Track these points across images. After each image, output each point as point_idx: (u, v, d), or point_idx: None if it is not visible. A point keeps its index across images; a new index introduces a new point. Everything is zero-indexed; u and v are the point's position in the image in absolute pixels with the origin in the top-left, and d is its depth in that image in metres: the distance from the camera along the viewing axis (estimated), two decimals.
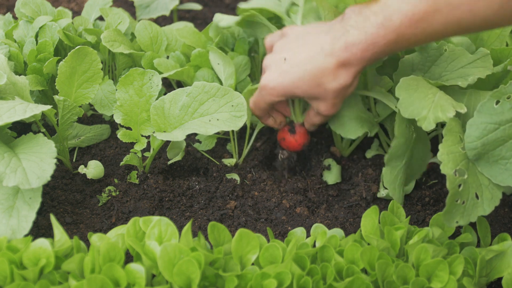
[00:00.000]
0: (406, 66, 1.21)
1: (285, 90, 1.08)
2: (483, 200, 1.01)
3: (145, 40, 1.49)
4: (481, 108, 1.02)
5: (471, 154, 1.03)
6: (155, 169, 1.34)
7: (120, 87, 1.24)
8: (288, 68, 1.06)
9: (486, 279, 1.03)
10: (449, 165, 0.98)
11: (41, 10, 1.55)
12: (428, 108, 1.01)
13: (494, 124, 1.01)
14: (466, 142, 1.02)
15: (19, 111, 1.04)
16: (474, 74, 1.12)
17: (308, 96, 1.08)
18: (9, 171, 0.99)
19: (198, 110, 1.18)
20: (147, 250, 0.93)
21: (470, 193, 1.00)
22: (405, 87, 1.03)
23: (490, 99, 1.01)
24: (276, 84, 1.08)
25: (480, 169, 1.03)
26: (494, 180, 1.02)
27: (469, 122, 1.02)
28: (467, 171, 1.01)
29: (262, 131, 1.51)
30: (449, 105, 1.03)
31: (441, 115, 1.00)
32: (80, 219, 1.21)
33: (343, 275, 0.95)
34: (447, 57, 1.17)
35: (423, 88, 1.05)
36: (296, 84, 1.06)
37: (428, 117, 1.00)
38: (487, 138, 1.01)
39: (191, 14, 2.20)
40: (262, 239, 1.00)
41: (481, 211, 1.00)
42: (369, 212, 1.05)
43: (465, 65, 1.15)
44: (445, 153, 0.99)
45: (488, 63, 1.14)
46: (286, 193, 1.30)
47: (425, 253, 0.96)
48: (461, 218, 0.98)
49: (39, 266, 0.89)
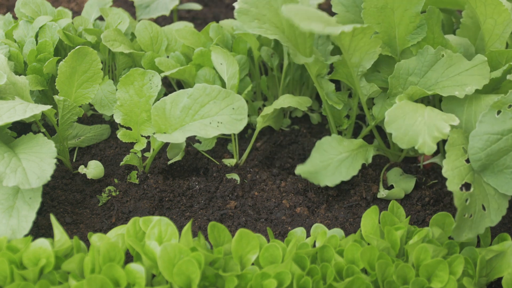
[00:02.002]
0: (402, 70, 1.21)
1: None
2: (490, 211, 1.01)
3: (145, 40, 1.49)
4: (483, 118, 1.02)
5: (476, 165, 1.03)
6: (155, 169, 1.34)
7: (120, 87, 1.24)
8: None
9: (486, 279, 1.03)
10: (455, 180, 0.98)
11: (41, 10, 1.55)
12: (422, 133, 1.00)
13: (497, 135, 1.01)
14: (470, 154, 1.03)
15: (19, 111, 1.04)
16: (471, 84, 1.11)
17: None
18: (9, 171, 0.99)
19: (199, 112, 1.18)
20: (147, 250, 0.93)
21: (477, 205, 1.00)
22: (393, 120, 1.02)
23: (492, 109, 1.01)
24: None
25: (486, 179, 1.03)
26: (500, 190, 1.02)
27: (472, 133, 1.02)
28: (473, 183, 1.01)
29: (262, 131, 1.51)
30: (441, 121, 1.02)
31: (438, 134, 0.99)
32: (80, 219, 1.21)
33: (343, 275, 0.95)
34: (444, 63, 1.17)
35: (410, 113, 1.04)
36: None
37: (426, 142, 0.98)
38: (491, 149, 1.01)
39: (191, 14, 2.21)
40: (262, 239, 1.00)
41: (489, 222, 1.00)
42: (369, 212, 1.05)
43: (461, 72, 1.15)
44: (450, 169, 0.99)
45: (485, 70, 1.13)
46: (286, 193, 1.30)
47: (425, 253, 0.96)
48: (469, 232, 0.99)
49: (39, 266, 0.89)
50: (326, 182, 1.18)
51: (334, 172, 1.18)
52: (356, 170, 1.19)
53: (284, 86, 1.50)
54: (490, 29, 1.21)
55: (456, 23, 1.53)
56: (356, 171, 1.19)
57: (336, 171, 1.18)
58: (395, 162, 1.40)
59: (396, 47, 1.27)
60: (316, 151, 1.22)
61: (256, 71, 1.53)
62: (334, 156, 1.20)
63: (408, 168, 1.37)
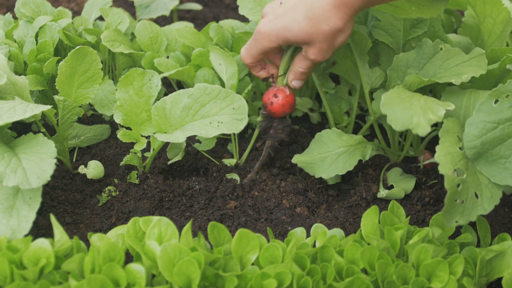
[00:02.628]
0: (400, 62, 1.21)
1: (278, 34, 1.07)
2: (483, 199, 1.00)
3: (145, 40, 1.49)
4: (480, 107, 1.01)
5: (470, 153, 1.02)
6: (155, 169, 1.34)
7: (120, 87, 1.24)
8: (283, 11, 1.06)
9: (486, 279, 1.03)
10: (447, 165, 0.98)
11: (41, 10, 1.55)
12: (417, 114, 0.99)
13: (493, 123, 1.00)
14: (465, 141, 1.02)
15: (19, 111, 1.04)
16: (468, 73, 1.12)
17: (299, 40, 1.07)
18: (9, 171, 0.99)
19: (199, 112, 1.18)
20: (147, 250, 0.93)
21: (469, 192, 0.99)
22: (389, 102, 1.01)
23: (489, 98, 1.01)
24: (269, 28, 1.08)
25: (479, 168, 1.03)
26: (493, 179, 1.02)
27: (468, 121, 1.02)
28: (466, 170, 1.00)
29: None
30: (437, 105, 1.02)
31: (433, 116, 0.99)
32: (80, 219, 1.21)
33: (343, 275, 0.95)
34: (442, 55, 1.17)
35: (406, 98, 1.04)
36: (289, 27, 1.05)
37: (421, 122, 0.98)
38: (486, 137, 1.01)
39: (191, 14, 2.20)
40: (262, 239, 1.00)
41: (481, 210, 1.00)
42: (369, 212, 1.05)
43: (459, 64, 1.15)
44: (443, 154, 0.99)
45: (483, 62, 1.13)
46: (286, 193, 1.30)
47: (425, 253, 0.96)
48: (460, 218, 0.98)
49: (39, 266, 0.89)
50: (321, 174, 1.19)
51: (331, 165, 1.20)
52: (352, 166, 1.19)
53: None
54: (489, 28, 1.21)
55: (456, 24, 1.53)
56: (352, 167, 1.19)
57: (332, 164, 1.20)
58: (395, 162, 1.40)
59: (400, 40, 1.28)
60: (315, 143, 1.22)
61: None
62: (332, 149, 1.21)
63: (408, 168, 1.37)
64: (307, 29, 1.04)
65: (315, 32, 1.04)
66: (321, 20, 1.03)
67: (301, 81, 1.18)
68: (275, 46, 1.10)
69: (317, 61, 1.11)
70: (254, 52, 1.14)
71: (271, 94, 1.20)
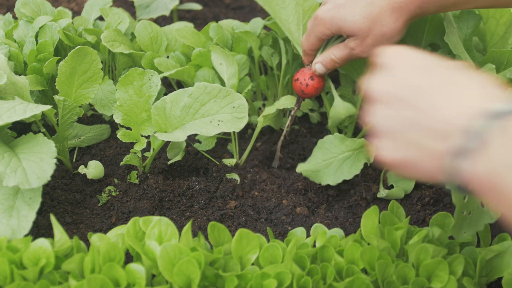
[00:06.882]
0: None
1: (333, 22, 1.09)
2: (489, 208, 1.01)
3: (145, 40, 1.49)
4: None
5: None
6: (155, 169, 1.34)
7: (119, 87, 1.24)
8: (343, 2, 1.08)
9: (486, 279, 1.03)
10: None
11: (41, 10, 1.55)
12: None
13: None
14: None
15: (19, 111, 1.04)
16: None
17: (350, 32, 1.08)
18: (9, 171, 0.99)
19: (200, 111, 1.18)
20: (147, 250, 0.93)
21: (475, 202, 0.99)
22: None
23: None
24: (328, 15, 1.09)
25: None
26: None
27: None
28: None
29: (262, 131, 1.51)
30: None
31: None
32: (80, 219, 1.21)
33: (343, 275, 0.95)
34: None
35: None
36: (345, 18, 1.07)
37: None
38: None
39: (191, 14, 2.20)
40: (262, 239, 1.00)
41: (488, 219, 1.00)
42: (369, 212, 1.04)
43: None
44: None
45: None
46: (286, 193, 1.30)
47: (425, 253, 0.96)
48: (468, 229, 0.98)
49: (39, 266, 0.89)
50: (328, 181, 1.18)
51: (336, 171, 1.19)
52: (358, 169, 1.19)
53: (284, 85, 1.50)
54: (492, 29, 1.21)
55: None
56: (359, 170, 1.19)
57: (338, 170, 1.19)
58: None
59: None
60: (318, 150, 1.22)
61: (256, 71, 1.53)
62: (336, 155, 1.21)
63: None
64: (361, 25, 1.06)
65: (368, 29, 1.06)
66: (377, 18, 1.04)
67: (325, 69, 1.19)
68: (329, 33, 1.12)
69: (354, 53, 1.12)
70: (312, 38, 1.16)
71: (308, 76, 1.21)
